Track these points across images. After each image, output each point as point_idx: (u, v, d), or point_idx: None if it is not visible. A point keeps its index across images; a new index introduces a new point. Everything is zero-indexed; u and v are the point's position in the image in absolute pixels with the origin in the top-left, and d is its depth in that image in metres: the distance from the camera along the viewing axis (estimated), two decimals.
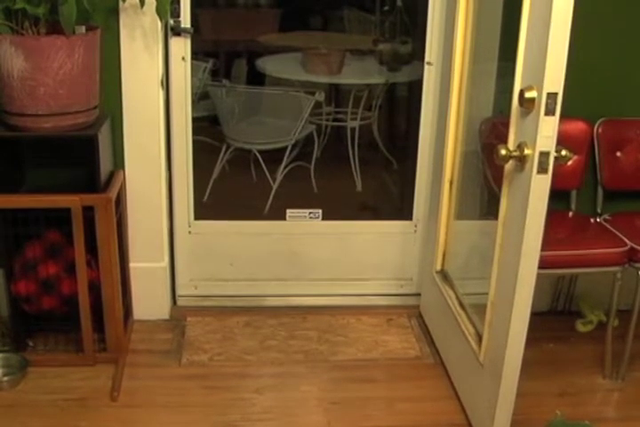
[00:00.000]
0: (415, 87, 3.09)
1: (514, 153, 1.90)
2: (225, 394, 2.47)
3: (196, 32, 2.72)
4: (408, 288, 3.14)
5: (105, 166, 2.49)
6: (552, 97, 1.77)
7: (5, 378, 2.47)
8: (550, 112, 1.79)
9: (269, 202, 3.66)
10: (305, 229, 3.07)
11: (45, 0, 2.18)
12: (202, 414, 2.37)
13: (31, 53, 2.18)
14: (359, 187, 4.02)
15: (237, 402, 2.43)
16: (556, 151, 1.84)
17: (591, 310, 2.91)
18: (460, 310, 2.51)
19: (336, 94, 4.39)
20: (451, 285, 2.68)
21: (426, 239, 2.98)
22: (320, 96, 3.79)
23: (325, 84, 4.14)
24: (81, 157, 2.41)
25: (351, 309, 3.03)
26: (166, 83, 2.72)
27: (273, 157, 3.86)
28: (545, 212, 1.89)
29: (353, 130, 4.09)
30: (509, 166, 1.99)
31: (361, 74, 4.11)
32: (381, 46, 4.04)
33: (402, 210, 3.20)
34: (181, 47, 2.71)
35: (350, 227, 3.09)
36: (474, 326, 2.38)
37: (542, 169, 1.84)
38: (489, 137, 2.58)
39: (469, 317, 2.45)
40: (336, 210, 3.24)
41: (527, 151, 1.86)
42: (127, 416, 2.35)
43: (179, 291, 3.05)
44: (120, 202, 2.62)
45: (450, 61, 2.55)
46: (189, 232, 3.00)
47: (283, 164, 3.84)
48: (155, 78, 2.61)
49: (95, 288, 2.51)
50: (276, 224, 3.08)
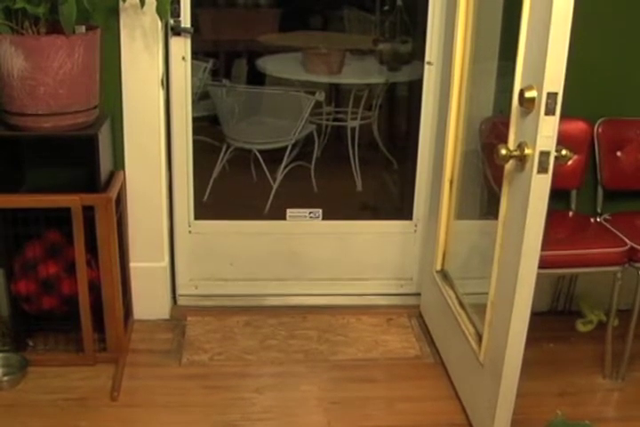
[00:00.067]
0: (415, 87, 3.09)
1: (514, 153, 1.90)
2: (225, 394, 2.47)
3: (197, 32, 2.72)
4: (408, 288, 3.14)
5: (105, 166, 2.49)
6: (552, 97, 1.77)
7: (5, 378, 2.47)
8: (550, 112, 1.79)
9: (269, 202, 3.66)
10: (305, 228, 3.07)
11: (45, 0, 2.18)
12: (202, 413, 2.37)
13: (31, 53, 2.18)
14: (359, 187, 4.02)
15: (237, 402, 2.43)
16: (557, 151, 1.84)
17: (591, 310, 2.90)
18: (460, 310, 2.51)
19: (336, 94, 4.39)
20: (451, 284, 2.68)
21: (426, 239, 2.98)
22: (320, 96, 3.78)
23: (325, 83, 4.13)
24: (81, 157, 2.41)
25: (351, 308, 3.03)
26: (166, 82, 2.72)
27: (273, 157, 3.86)
28: (545, 211, 1.89)
29: (353, 130, 4.09)
30: (509, 166, 1.99)
31: (361, 74, 4.11)
32: (381, 46, 4.03)
33: (402, 210, 3.20)
34: (181, 47, 2.71)
35: (350, 227, 3.09)
36: (474, 326, 2.38)
37: (542, 169, 1.84)
38: (489, 137, 2.58)
39: (469, 316, 2.45)
40: (336, 210, 3.24)
41: (527, 151, 1.86)
42: (127, 416, 2.35)
43: (179, 291, 3.05)
44: (120, 202, 2.62)
45: (450, 61, 2.55)
46: (189, 232, 3.00)
47: (283, 163, 3.84)
48: (155, 78, 2.61)
49: (95, 288, 2.51)
50: (277, 224, 3.08)
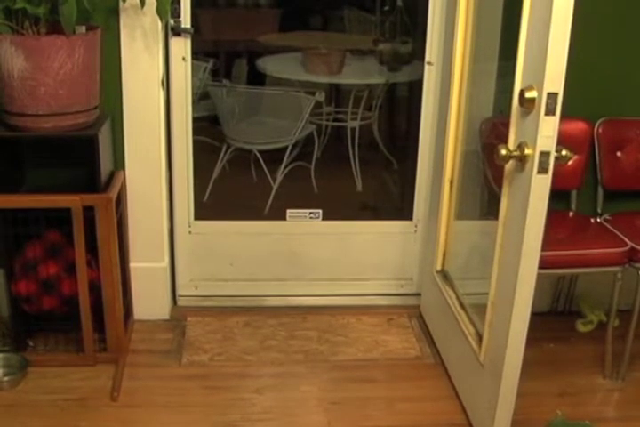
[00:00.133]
0: (415, 87, 3.09)
1: (514, 153, 1.90)
2: (225, 394, 2.47)
3: (197, 32, 2.72)
4: (408, 288, 3.14)
5: (105, 166, 2.49)
6: (552, 97, 1.77)
7: (6, 378, 2.47)
8: (550, 112, 1.79)
9: (270, 202, 3.66)
10: (305, 229, 3.07)
11: (46, 0, 2.18)
12: (202, 414, 2.37)
13: (31, 53, 2.18)
14: (359, 187, 4.02)
15: (237, 402, 2.43)
16: (557, 151, 1.84)
17: (591, 310, 2.90)
18: (461, 310, 2.51)
19: (336, 94, 4.39)
20: (451, 285, 2.68)
21: (426, 239, 2.98)
22: (320, 96, 3.78)
23: (326, 84, 4.14)
24: (81, 157, 2.41)
25: (351, 309, 3.03)
26: (167, 83, 2.72)
27: (273, 157, 3.86)
28: (545, 212, 1.89)
29: (353, 130, 4.09)
30: (510, 166, 1.99)
31: (361, 74, 4.11)
32: (382, 46, 4.04)
33: (402, 210, 3.20)
34: (182, 47, 2.71)
35: (350, 227, 3.09)
36: (474, 326, 2.38)
37: (542, 169, 1.84)
38: (489, 137, 2.58)
39: (470, 317, 2.45)
40: (336, 210, 3.24)
41: (527, 151, 1.86)
42: (127, 416, 2.35)
43: (179, 291, 3.05)
44: (120, 202, 2.62)
45: (450, 61, 2.55)
46: (190, 232, 3.00)
47: (283, 164, 3.84)
48: (155, 78, 2.61)
49: (95, 288, 2.51)
50: (277, 224, 3.08)
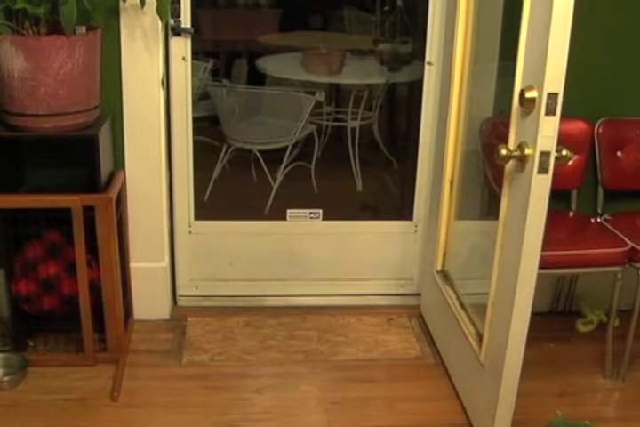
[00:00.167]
0: (416, 87, 3.09)
1: (514, 153, 1.90)
2: (225, 394, 2.47)
3: (197, 32, 2.72)
4: (408, 288, 3.14)
5: (105, 166, 2.49)
6: (552, 97, 1.77)
7: (6, 378, 2.47)
8: (551, 112, 1.79)
9: (270, 202, 3.66)
10: (305, 229, 3.07)
11: (46, 0, 2.18)
12: (202, 414, 2.37)
13: (31, 53, 2.18)
14: (359, 187, 4.02)
15: (237, 402, 2.43)
16: (557, 151, 1.84)
17: (591, 310, 2.90)
18: (461, 310, 2.51)
19: (336, 94, 4.39)
20: (451, 285, 2.68)
21: (426, 239, 2.98)
22: (320, 96, 3.78)
23: (326, 84, 4.14)
24: (81, 157, 2.41)
25: (351, 309, 3.03)
26: (167, 83, 2.72)
27: (273, 157, 3.86)
28: (545, 212, 1.89)
29: (353, 130, 4.09)
30: (510, 166, 1.99)
31: (361, 74, 4.11)
32: (382, 46, 4.04)
33: (402, 210, 3.20)
34: (182, 47, 2.71)
35: (351, 227, 3.09)
36: (474, 326, 2.38)
37: (543, 169, 1.84)
38: (489, 137, 2.58)
39: (470, 317, 2.45)
40: (336, 210, 3.24)
41: (528, 151, 1.86)
42: (127, 416, 2.35)
43: (179, 291, 3.05)
44: (120, 202, 2.62)
45: (450, 61, 2.55)
46: (190, 232, 3.00)
47: (283, 164, 3.84)
48: (155, 78, 2.61)
49: (95, 288, 2.51)
50: (277, 224, 3.08)
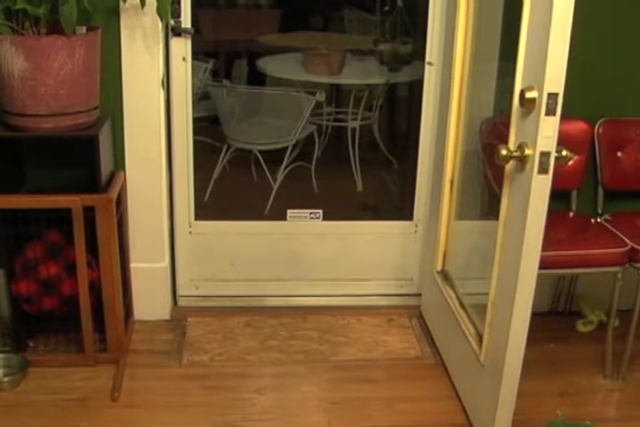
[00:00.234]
0: (416, 87, 3.09)
1: (514, 153, 1.90)
2: (225, 394, 2.47)
3: (197, 32, 2.72)
4: (409, 288, 3.14)
5: (105, 167, 2.49)
6: (553, 97, 1.77)
7: (6, 378, 2.47)
8: (551, 112, 1.79)
9: (270, 202, 3.66)
10: (305, 229, 3.07)
11: (46, 0, 2.18)
12: (202, 414, 2.37)
13: (32, 53, 2.18)
14: (360, 187, 4.02)
15: (238, 402, 2.43)
16: (557, 151, 1.84)
17: (592, 311, 2.90)
18: (461, 311, 2.51)
19: (337, 94, 4.39)
20: (451, 285, 2.68)
21: (426, 239, 2.98)
22: (320, 96, 3.79)
23: (326, 84, 4.14)
24: (81, 158, 2.41)
25: (352, 309, 3.03)
26: (167, 83, 2.72)
27: (273, 158, 3.86)
28: (545, 212, 1.89)
29: (353, 130, 4.09)
30: (510, 166, 1.99)
31: (361, 74, 4.11)
32: (382, 46, 4.04)
33: (402, 210, 3.20)
34: (182, 47, 2.71)
35: (351, 227, 3.09)
36: (474, 327, 2.38)
37: (543, 169, 1.84)
38: (489, 137, 2.58)
39: (470, 317, 2.45)
40: (337, 210, 3.24)
41: (528, 151, 1.86)
42: (128, 416, 2.35)
43: (179, 291, 3.05)
44: (121, 202, 2.62)
45: (450, 61, 2.55)
46: (190, 232, 3.00)
47: (283, 164, 3.84)
48: (155, 79, 2.61)
49: (96, 288, 2.51)
50: (277, 224, 3.08)
